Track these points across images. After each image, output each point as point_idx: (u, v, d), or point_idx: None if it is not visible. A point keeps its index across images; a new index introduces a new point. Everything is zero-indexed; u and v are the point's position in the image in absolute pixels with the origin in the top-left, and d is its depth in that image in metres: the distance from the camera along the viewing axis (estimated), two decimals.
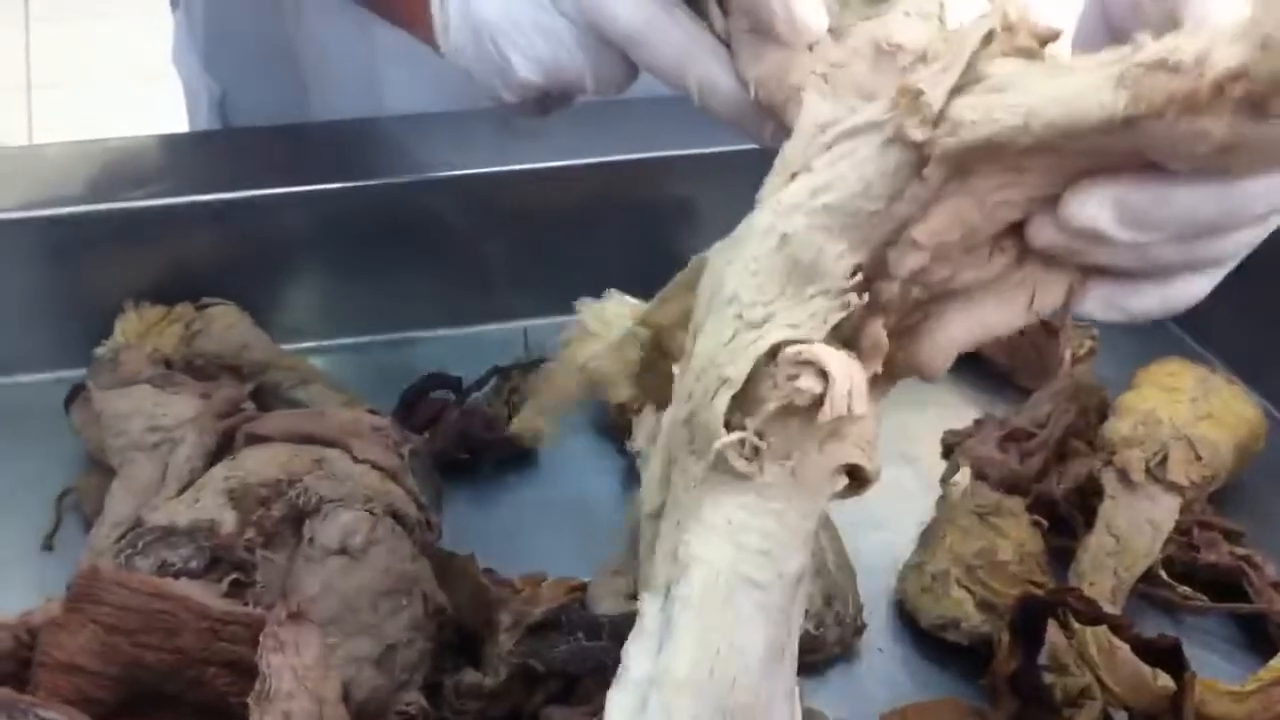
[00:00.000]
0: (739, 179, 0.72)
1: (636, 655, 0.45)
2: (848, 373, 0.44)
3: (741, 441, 0.44)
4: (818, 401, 0.43)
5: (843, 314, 0.44)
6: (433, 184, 0.82)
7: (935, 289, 0.45)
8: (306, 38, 0.89)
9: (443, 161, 0.82)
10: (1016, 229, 0.44)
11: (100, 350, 0.73)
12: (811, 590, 0.65)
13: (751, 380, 0.44)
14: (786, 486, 0.45)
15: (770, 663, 0.45)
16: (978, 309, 0.45)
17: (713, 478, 0.45)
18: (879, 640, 0.68)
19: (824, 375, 0.43)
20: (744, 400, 0.44)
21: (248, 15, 0.92)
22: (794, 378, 0.43)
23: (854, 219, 0.44)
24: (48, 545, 0.68)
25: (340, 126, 0.86)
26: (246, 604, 0.53)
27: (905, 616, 0.68)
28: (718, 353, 0.45)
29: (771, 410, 0.43)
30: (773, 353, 0.44)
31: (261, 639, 0.47)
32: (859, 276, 0.44)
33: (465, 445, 0.74)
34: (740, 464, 0.44)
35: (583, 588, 0.64)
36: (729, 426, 0.44)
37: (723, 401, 0.44)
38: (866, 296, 0.44)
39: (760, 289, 0.45)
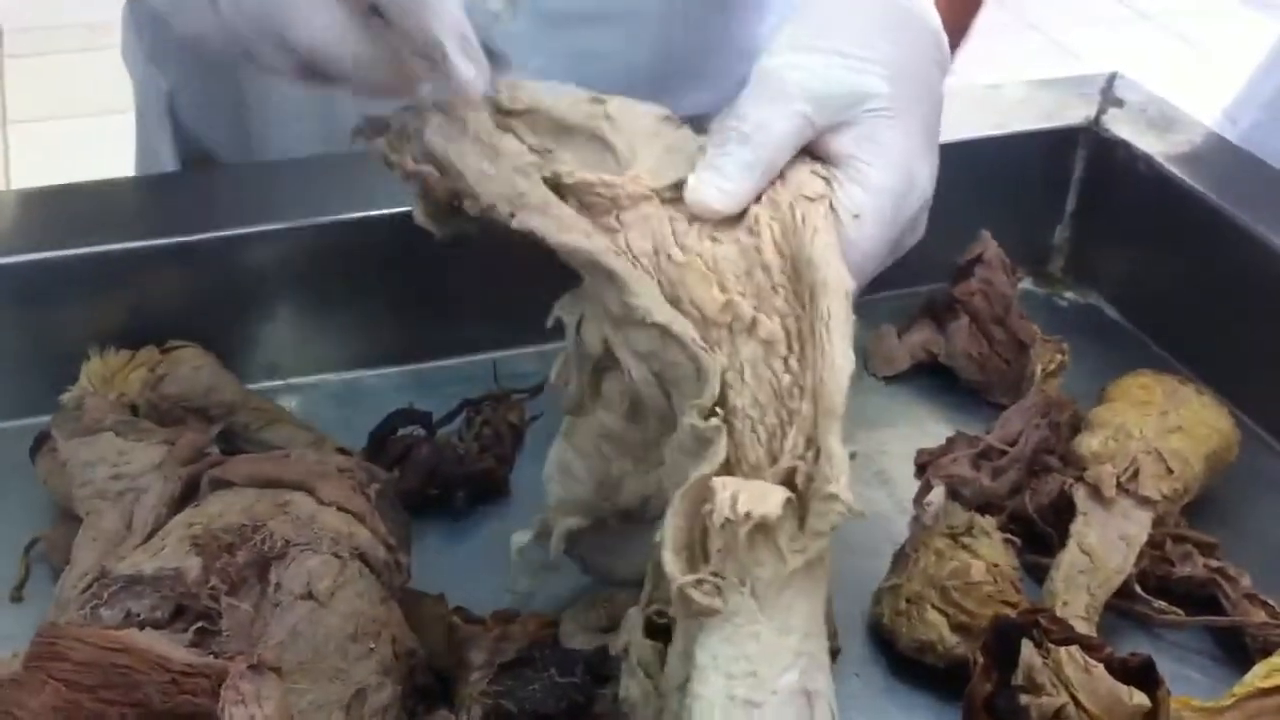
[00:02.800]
0: None
1: None
2: (730, 487, 0.50)
3: (699, 581, 0.49)
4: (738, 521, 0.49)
5: None
6: (398, 218, 0.81)
7: None
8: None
9: (408, 195, 0.82)
10: None
11: (65, 397, 0.73)
12: None
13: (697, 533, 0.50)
14: (752, 608, 0.50)
15: None
16: None
17: (693, 624, 0.50)
18: (855, 665, 0.68)
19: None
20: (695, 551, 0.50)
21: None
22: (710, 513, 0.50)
23: None
24: (17, 597, 0.68)
25: (302, 164, 0.85)
26: (212, 653, 0.53)
27: (881, 640, 0.68)
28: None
29: (718, 549, 0.49)
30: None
31: (223, 691, 0.46)
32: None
33: (436, 481, 0.74)
34: (703, 600, 0.49)
35: (555, 624, 0.64)
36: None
37: (669, 555, 0.50)
38: None
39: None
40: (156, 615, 0.55)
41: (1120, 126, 0.93)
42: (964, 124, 0.93)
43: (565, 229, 0.55)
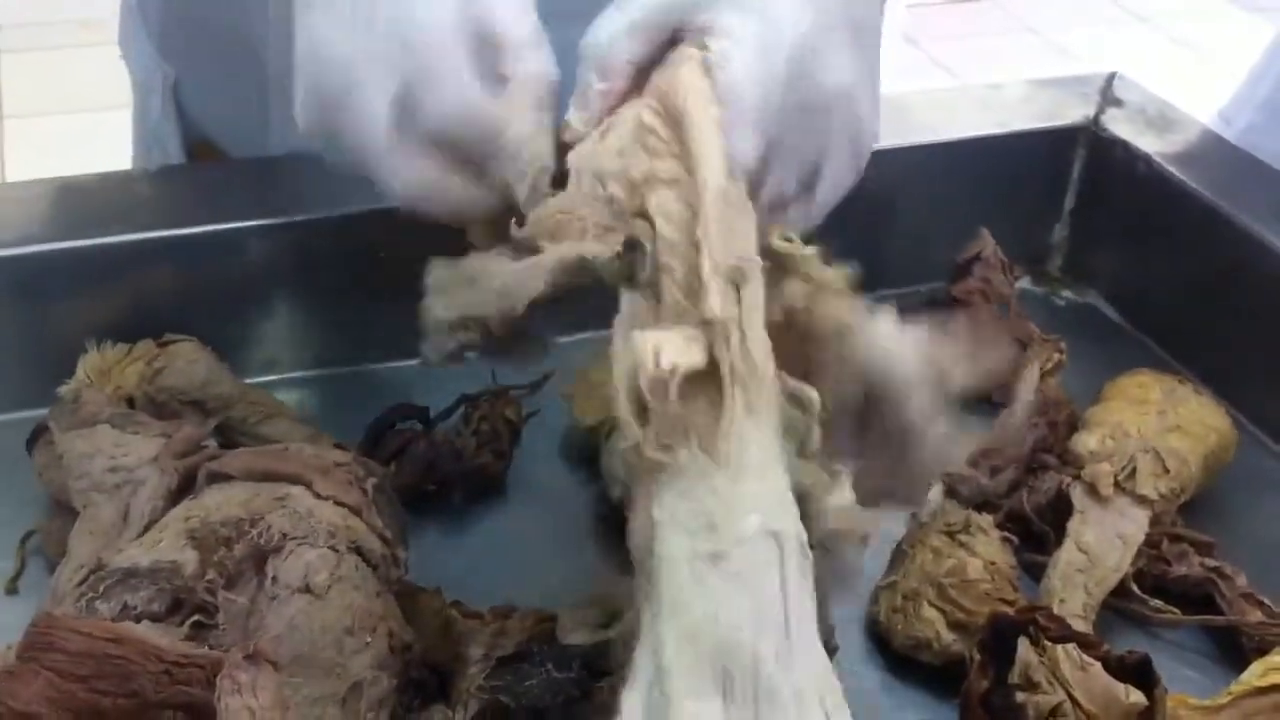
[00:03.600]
0: None
1: (640, 658, 0.47)
2: (650, 342, 0.48)
3: (649, 440, 0.47)
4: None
5: None
6: (395, 213, 0.81)
7: None
8: (268, 32, 0.88)
9: None
10: None
11: (62, 390, 0.72)
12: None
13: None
14: (701, 460, 0.48)
15: (759, 623, 0.46)
16: None
17: (650, 484, 0.48)
18: (852, 663, 0.67)
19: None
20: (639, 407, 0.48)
21: (206, 4, 0.91)
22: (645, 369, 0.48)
23: None
24: (12, 589, 0.68)
25: (300, 158, 0.85)
26: (209, 645, 0.53)
27: (877, 638, 0.68)
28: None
29: (658, 403, 0.47)
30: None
31: (218, 681, 0.46)
32: None
33: (433, 476, 0.74)
34: (657, 454, 0.47)
35: (553, 619, 0.63)
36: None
37: (625, 411, 0.48)
38: None
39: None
40: (153, 608, 0.55)
41: (1119, 126, 0.93)
42: (963, 123, 0.93)
43: None
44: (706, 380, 0.49)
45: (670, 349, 0.48)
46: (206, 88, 0.96)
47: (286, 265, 0.81)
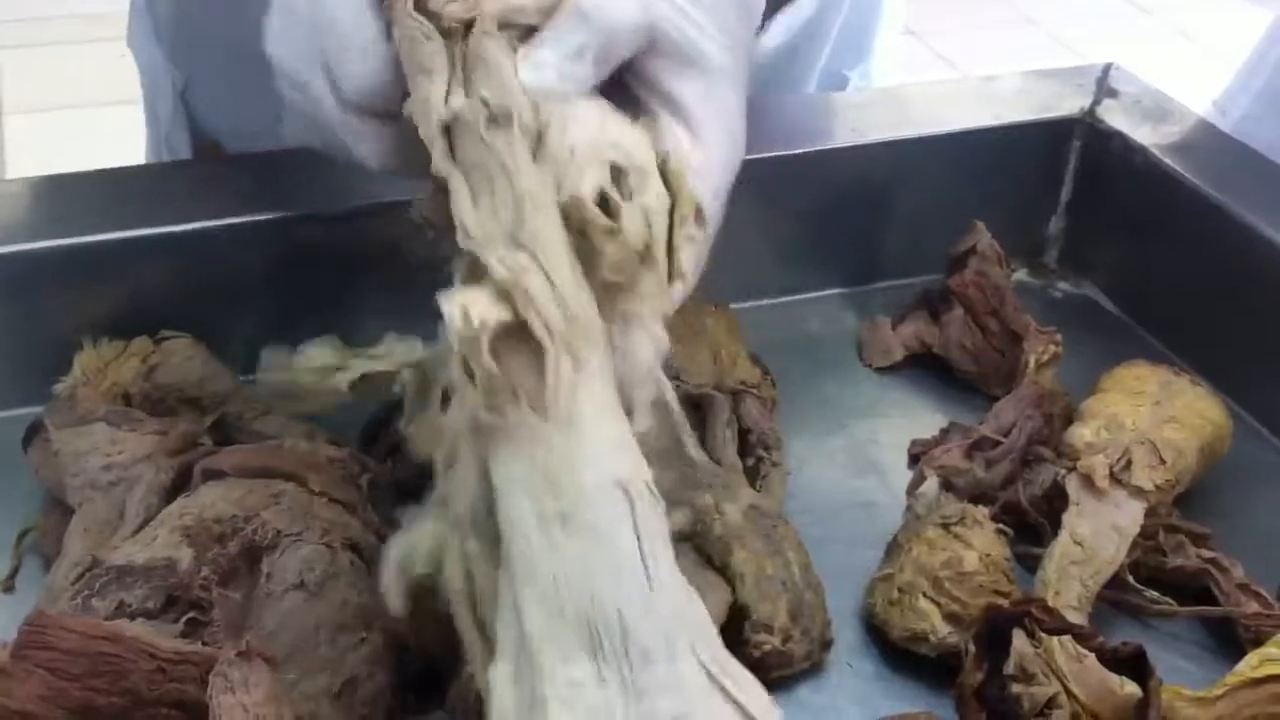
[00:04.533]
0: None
1: (501, 629, 0.46)
2: (455, 300, 0.46)
3: (482, 404, 0.45)
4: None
5: None
6: (391, 209, 0.81)
7: None
8: None
9: (401, 186, 0.82)
10: None
11: (58, 387, 0.72)
12: (778, 606, 0.65)
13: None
14: (533, 419, 0.46)
15: (617, 576, 0.45)
16: None
17: (485, 449, 0.46)
18: (848, 655, 0.68)
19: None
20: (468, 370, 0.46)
21: (215, 12, 0.91)
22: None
23: None
24: (8, 587, 0.68)
25: (298, 154, 0.85)
26: (203, 642, 0.53)
27: (873, 630, 0.68)
28: None
29: (474, 367, 0.46)
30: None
31: (211, 678, 0.46)
32: None
33: (429, 473, 0.74)
34: (488, 417, 0.46)
35: None
36: None
37: (457, 374, 0.46)
38: None
39: None
40: (148, 606, 0.55)
41: (1115, 117, 0.93)
42: (958, 115, 0.93)
43: None
44: (527, 335, 0.46)
45: (476, 306, 0.46)
46: (215, 93, 0.96)
47: (282, 261, 0.81)
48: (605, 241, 0.49)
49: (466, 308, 0.46)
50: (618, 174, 0.50)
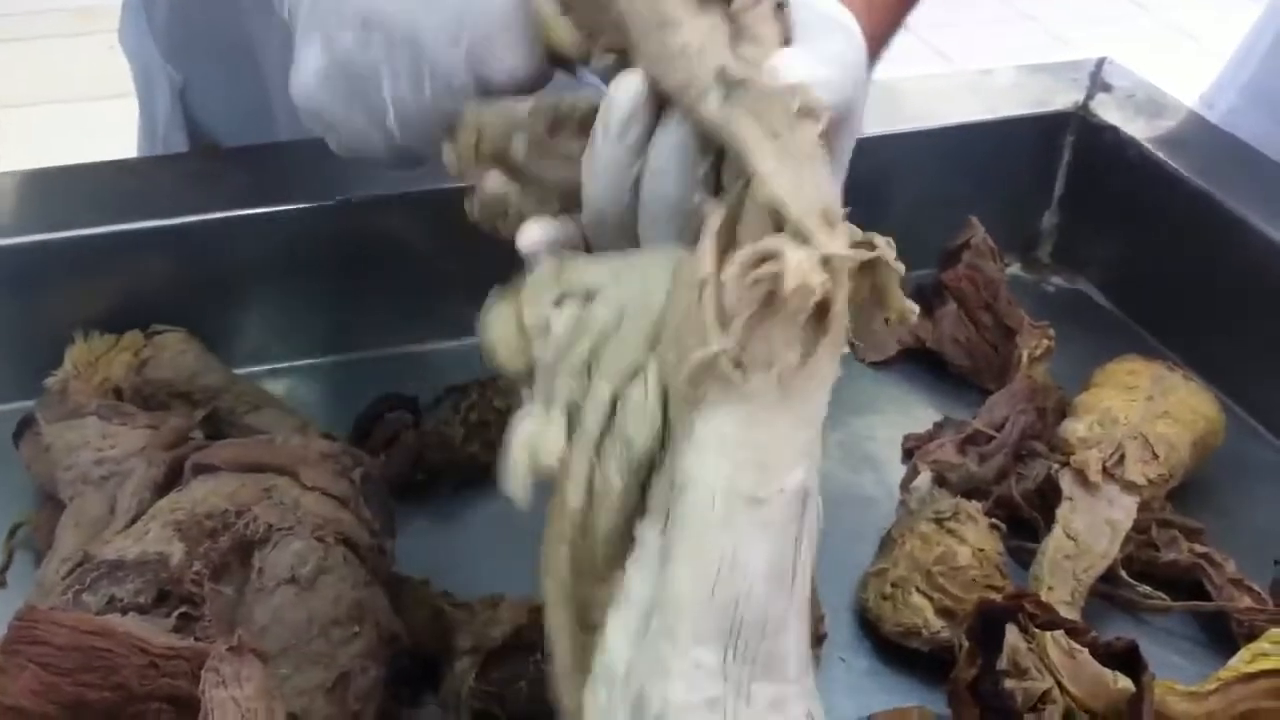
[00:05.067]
0: None
1: (636, 579, 0.44)
2: (799, 254, 0.42)
3: (725, 353, 0.43)
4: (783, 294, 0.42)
5: None
6: (384, 202, 0.81)
7: None
8: (273, 39, 0.88)
9: (395, 179, 0.82)
10: None
11: (49, 381, 0.72)
12: None
13: (726, 293, 0.43)
14: (775, 395, 0.43)
15: (775, 580, 0.43)
16: None
17: (702, 395, 0.44)
18: (841, 650, 0.68)
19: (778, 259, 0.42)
20: (723, 316, 0.43)
21: (210, 9, 0.90)
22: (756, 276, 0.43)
23: None
24: (0, 581, 0.68)
25: (290, 148, 0.85)
26: (195, 637, 0.53)
27: (867, 625, 0.68)
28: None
29: (746, 317, 0.43)
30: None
31: (203, 673, 0.46)
32: None
33: (422, 466, 0.74)
34: (728, 371, 0.43)
35: (542, 608, 0.63)
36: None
37: (709, 311, 0.43)
38: None
39: None
40: (139, 600, 0.55)
41: (1109, 112, 0.93)
42: (953, 109, 0.93)
43: None
44: (799, 317, 0.43)
45: (816, 270, 0.43)
46: (213, 91, 0.95)
47: (275, 255, 0.81)
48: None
49: (808, 268, 0.43)
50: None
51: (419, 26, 0.57)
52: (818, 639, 0.66)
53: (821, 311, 0.44)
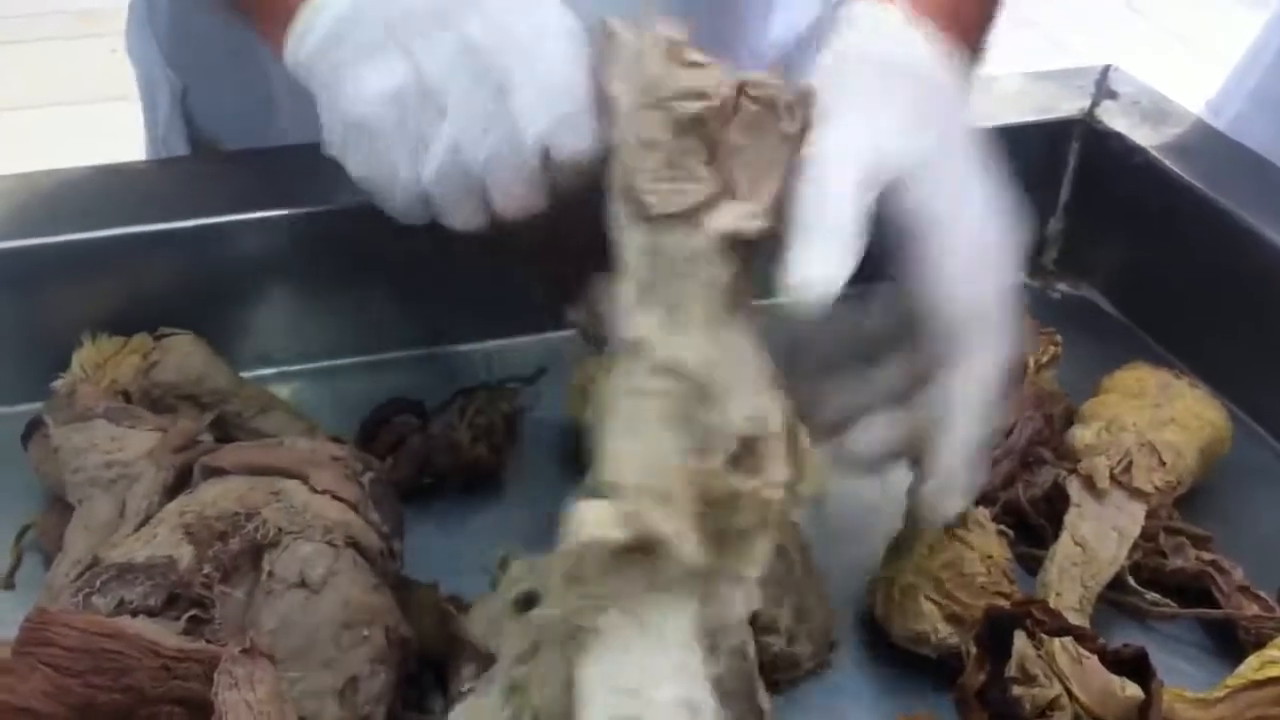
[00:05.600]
0: None
1: None
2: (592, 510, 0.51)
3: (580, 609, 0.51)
4: None
5: None
6: None
7: None
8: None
9: None
10: None
11: (57, 384, 0.72)
12: (783, 608, 0.65)
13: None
14: (628, 629, 0.51)
15: None
16: None
17: (577, 657, 0.51)
18: (852, 656, 0.68)
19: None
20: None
21: (216, 15, 0.91)
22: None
23: None
24: (8, 584, 0.68)
25: (296, 150, 0.85)
26: (205, 640, 0.53)
27: (875, 631, 0.68)
28: None
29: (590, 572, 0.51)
30: None
31: (215, 675, 0.46)
32: None
33: (429, 470, 0.74)
34: (584, 622, 0.51)
35: None
36: None
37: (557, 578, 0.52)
38: None
39: None
40: (149, 603, 0.55)
41: (1114, 119, 0.93)
42: None
43: None
44: (632, 555, 0.51)
45: (595, 521, 0.50)
46: (214, 96, 0.95)
47: (282, 258, 0.81)
48: (730, 507, 0.53)
49: (590, 520, 0.50)
50: (751, 443, 0.54)
51: (517, 77, 0.58)
52: (828, 645, 0.67)
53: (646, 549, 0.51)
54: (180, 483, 0.63)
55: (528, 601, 0.56)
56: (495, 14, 0.59)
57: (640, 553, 0.51)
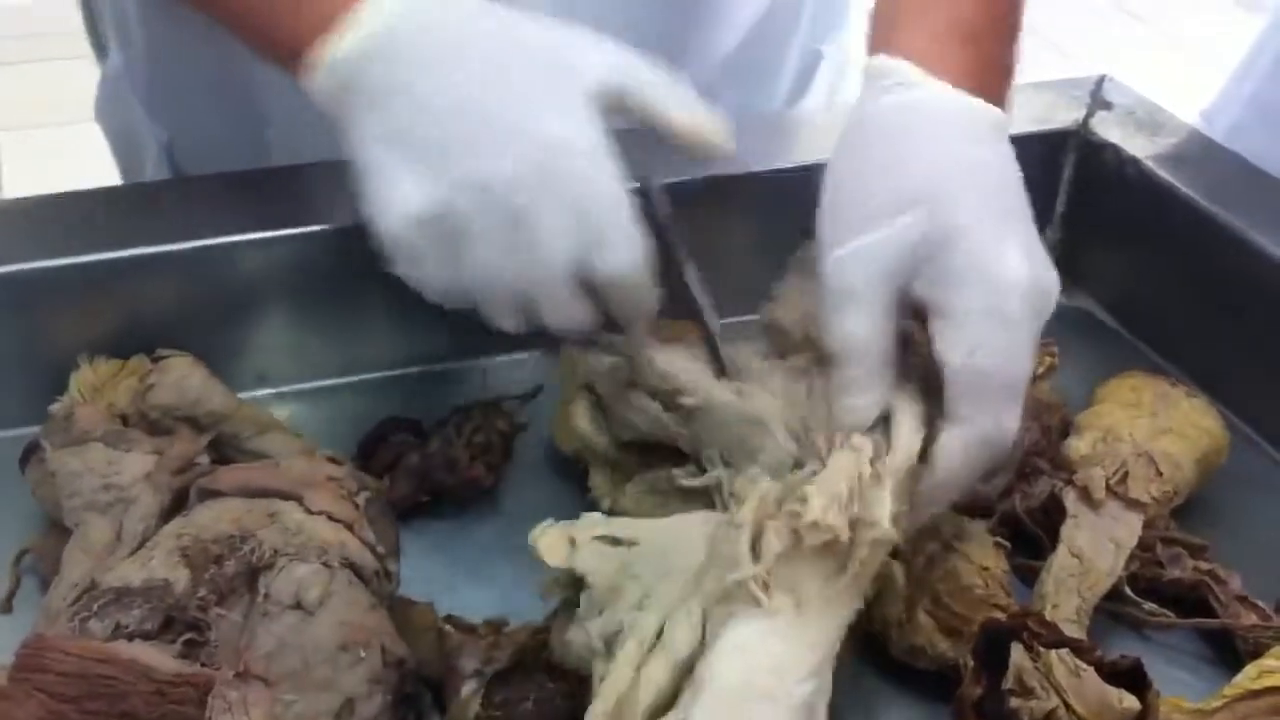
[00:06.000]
0: (714, 209, 0.73)
1: None
2: (821, 499, 0.54)
3: (756, 577, 0.52)
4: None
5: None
6: None
7: None
8: (264, 73, 0.89)
9: None
10: None
11: (54, 407, 0.72)
12: None
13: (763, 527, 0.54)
14: (792, 615, 0.53)
15: None
16: None
17: (731, 612, 0.53)
18: (848, 669, 0.67)
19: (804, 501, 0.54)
20: (758, 544, 0.54)
21: (198, 53, 0.91)
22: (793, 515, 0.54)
23: None
24: (6, 608, 0.68)
25: (292, 171, 0.85)
26: (201, 663, 0.53)
27: (873, 644, 0.68)
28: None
29: (777, 551, 0.53)
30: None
31: (210, 699, 0.46)
32: None
33: (426, 488, 0.74)
34: (756, 591, 0.52)
35: (546, 631, 0.63)
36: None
37: (744, 543, 0.53)
38: None
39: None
40: (145, 627, 0.55)
41: (1109, 129, 0.93)
42: None
43: None
44: (829, 550, 0.54)
45: (835, 511, 0.54)
46: (203, 138, 0.96)
47: (279, 279, 0.81)
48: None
49: (829, 509, 0.54)
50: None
51: (534, 208, 0.59)
52: None
53: (839, 553, 0.54)
54: (177, 505, 0.63)
55: None
56: (513, 134, 0.60)
57: (830, 550, 0.54)
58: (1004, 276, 0.60)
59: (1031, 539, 0.72)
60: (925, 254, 0.59)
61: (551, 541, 0.59)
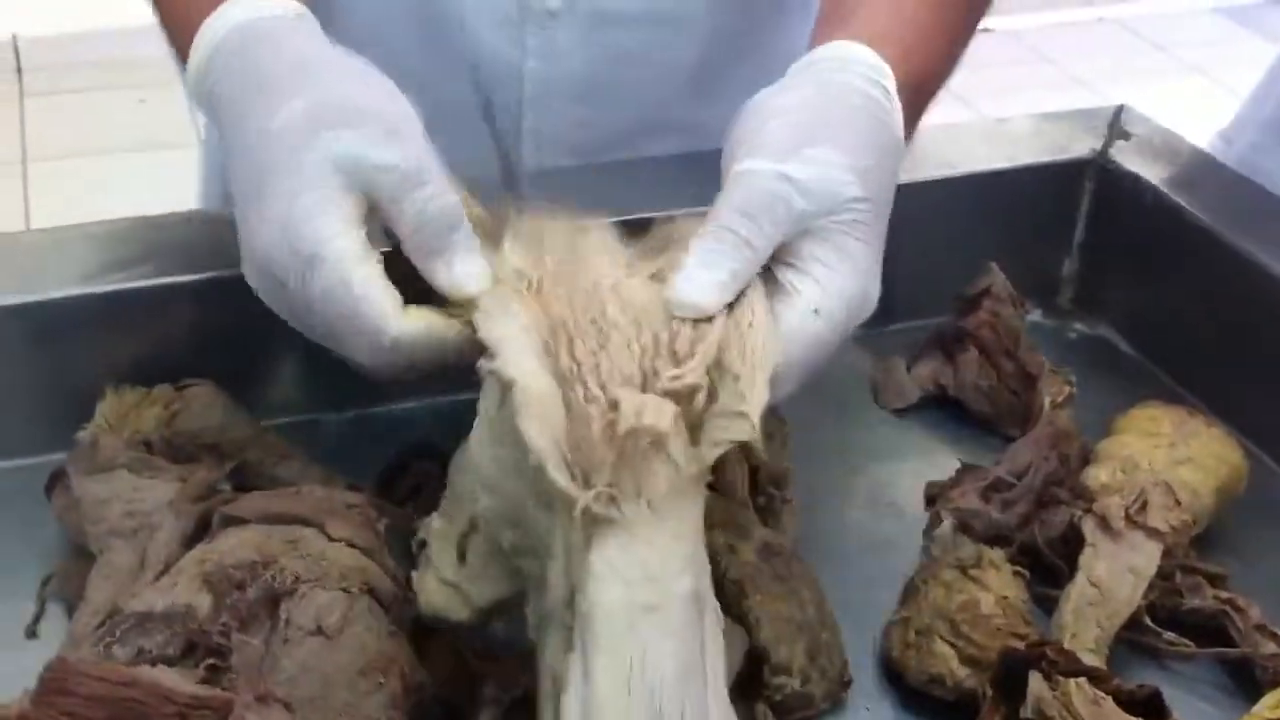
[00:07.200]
0: None
1: (569, 706, 0.51)
2: (634, 399, 0.54)
3: (598, 495, 0.52)
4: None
5: None
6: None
7: None
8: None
9: None
10: None
11: (80, 435, 0.73)
12: (796, 648, 0.65)
13: (586, 443, 0.53)
14: (648, 517, 0.53)
15: (686, 676, 0.51)
16: None
17: (590, 537, 0.52)
18: (866, 698, 0.68)
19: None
20: (585, 461, 0.53)
21: None
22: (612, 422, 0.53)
23: None
24: (32, 633, 0.69)
25: None
26: (222, 688, 0.53)
27: (891, 673, 0.68)
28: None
29: (610, 462, 0.52)
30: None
31: None
32: None
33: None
34: (603, 510, 0.52)
35: None
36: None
37: (556, 472, 0.52)
38: None
39: None
40: (168, 652, 0.56)
41: (1127, 158, 0.93)
42: (972, 157, 0.94)
43: None
44: (660, 445, 0.54)
45: (650, 410, 0.53)
46: None
47: None
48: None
49: (642, 410, 0.53)
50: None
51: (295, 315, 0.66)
52: (842, 685, 0.67)
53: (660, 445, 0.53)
54: (200, 532, 0.64)
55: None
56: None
57: (664, 451, 0.53)
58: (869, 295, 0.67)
59: (1050, 568, 0.72)
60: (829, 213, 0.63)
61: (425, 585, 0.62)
